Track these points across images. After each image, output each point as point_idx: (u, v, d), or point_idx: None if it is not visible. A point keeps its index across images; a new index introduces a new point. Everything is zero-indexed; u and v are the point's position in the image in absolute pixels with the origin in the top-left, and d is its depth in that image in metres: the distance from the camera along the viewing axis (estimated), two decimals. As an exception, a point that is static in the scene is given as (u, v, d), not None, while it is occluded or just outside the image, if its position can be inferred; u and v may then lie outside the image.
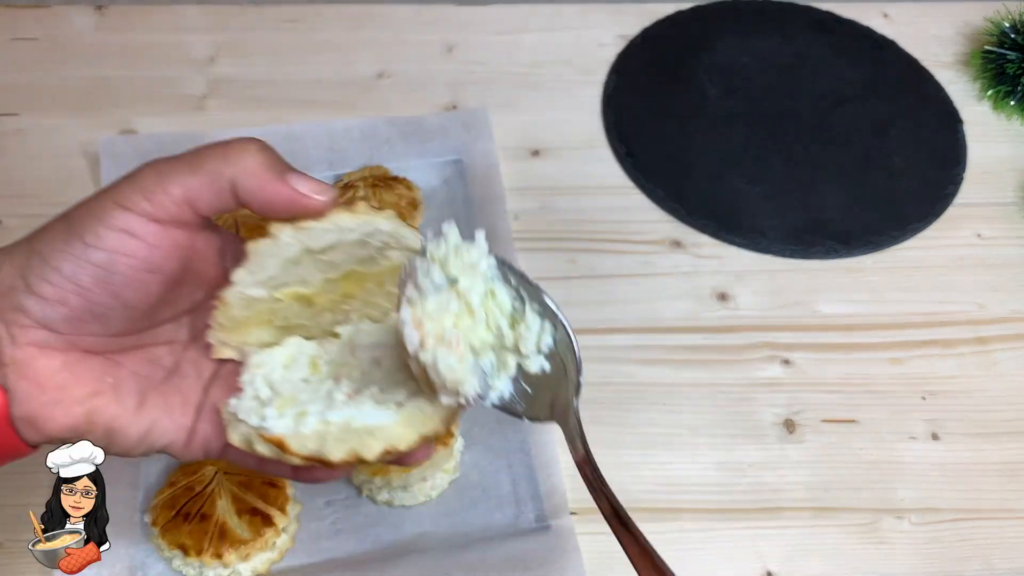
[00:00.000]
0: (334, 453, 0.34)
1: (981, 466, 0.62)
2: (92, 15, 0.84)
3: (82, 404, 0.36)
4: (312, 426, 0.35)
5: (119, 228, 0.34)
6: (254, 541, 0.54)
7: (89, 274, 0.34)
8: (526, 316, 0.36)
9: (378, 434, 0.35)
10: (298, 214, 0.36)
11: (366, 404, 0.36)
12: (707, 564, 0.57)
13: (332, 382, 0.38)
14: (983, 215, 0.75)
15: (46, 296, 0.34)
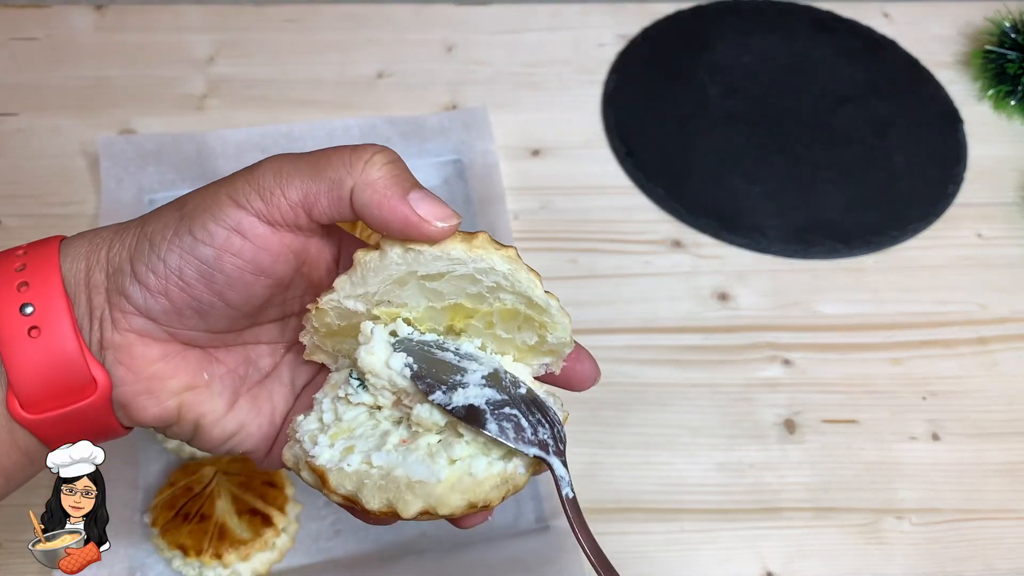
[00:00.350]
0: (371, 501, 0.32)
1: (981, 466, 0.62)
2: (92, 15, 0.84)
3: (175, 396, 0.35)
4: (355, 465, 0.33)
5: (229, 226, 0.33)
6: (254, 541, 0.54)
7: (194, 269, 0.33)
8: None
9: (418, 491, 0.32)
10: (412, 237, 0.34)
11: (415, 454, 0.33)
12: (707, 564, 0.57)
13: (393, 421, 0.35)
14: (983, 215, 0.75)
15: (149, 286, 0.33)
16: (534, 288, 0.34)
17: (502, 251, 0.34)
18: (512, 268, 0.34)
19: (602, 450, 0.61)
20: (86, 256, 0.34)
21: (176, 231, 0.33)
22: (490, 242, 0.34)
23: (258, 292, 0.35)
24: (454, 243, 0.34)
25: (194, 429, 0.36)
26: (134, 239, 0.34)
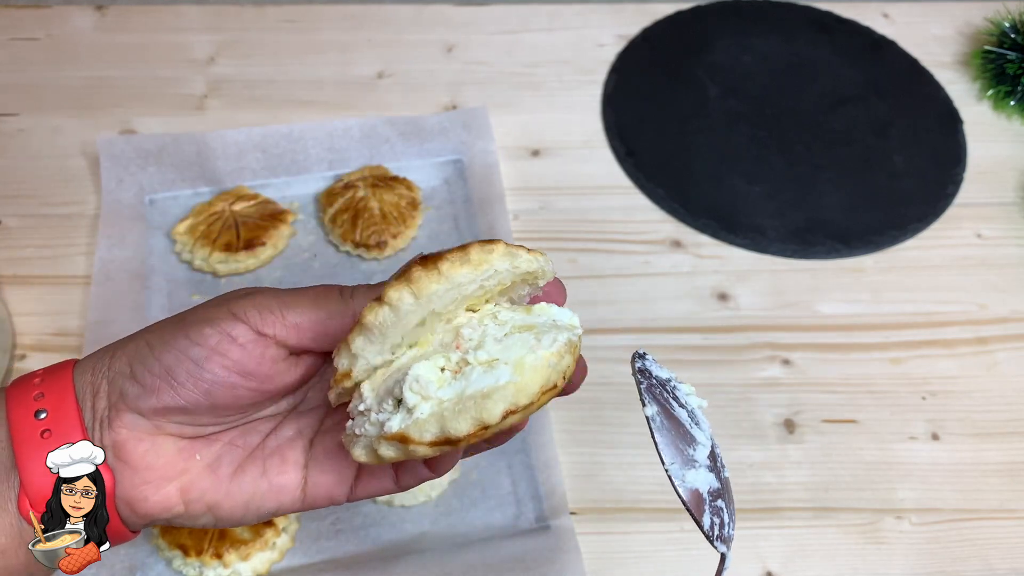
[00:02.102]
0: (459, 428, 0.33)
1: (981, 466, 0.62)
2: (92, 15, 0.84)
3: (172, 481, 0.37)
4: (427, 411, 0.33)
5: (222, 331, 0.35)
6: (254, 541, 0.54)
7: (184, 369, 0.35)
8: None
9: (496, 395, 0.33)
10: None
11: (475, 372, 0.34)
12: (707, 565, 0.57)
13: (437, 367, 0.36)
14: (983, 215, 0.75)
15: (144, 385, 0.35)
16: (531, 263, 0.35)
17: (495, 250, 0.35)
18: (511, 262, 0.35)
19: (602, 450, 0.61)
20: (92, 368, 0.37)
21: (174, 335, 0.36)
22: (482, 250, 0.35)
23: (242, 395, 0.36)
24: (456, 269, 0.34)
25: (209, 508, 0.37)
26: (135, 346, 0.36)
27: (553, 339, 0.34)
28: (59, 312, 0.65)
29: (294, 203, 0.72)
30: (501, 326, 0.35)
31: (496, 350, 0.34)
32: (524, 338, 0.34)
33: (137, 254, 0.67)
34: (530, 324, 0.35)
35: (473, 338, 0.35)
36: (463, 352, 0.34)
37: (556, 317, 0.36)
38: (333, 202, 0.70)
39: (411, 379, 0.33)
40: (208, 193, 0.71)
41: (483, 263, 0.34)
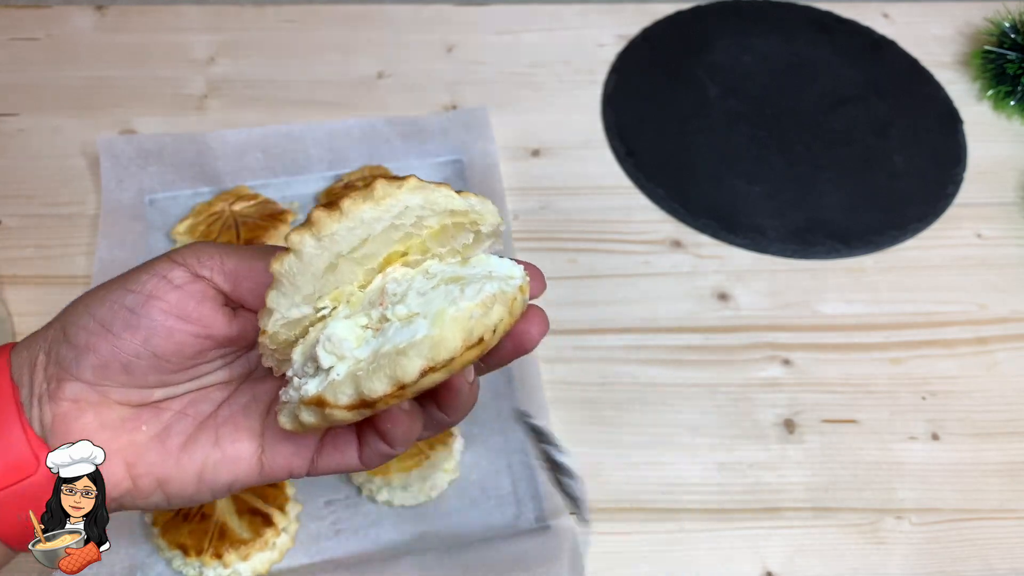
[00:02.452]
0: (374, 388, 0.30)
1: (981, 466, 0.62)
2: (92, 15, 0.84)
3: (116, 454, 0.35)
4: (343, 371, 0.31)
5: (159, 274, 0.34)
6: (254, 541, 0.54)
7: (122, 319, 0.33)
8: None
9: (412, 351, 0.30)
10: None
11: (392, 328, 0.31)
12: (707, 564, 0.57)
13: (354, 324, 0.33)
14: (983, 215, 0.75)
15: (79, 344, 0.34)
16: (451, 200, 0.32)
17: (405, 185, 0.32)
18: (424, 196, 0.32)
19: (602, 450, 0.61)
20: (28, 344, 0.35)
21: (109, 288, 0.34)
22: (388, 185, 0.32)
23: (184, 341, 0.34)
24: (359, 205, 0.31)
25: (160, 484, 0.35)
26: (71, 309, 0.35)
27: (478, 289, 0.31)
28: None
29: (294, 203, 0.72)
30: (429, 279, 0.32)
31: (417, 304, 0.31)
32: (449, 290, 0.32)
33: (137, 254, 0.67)
34: (460, 276, 0.32)
35: (397, 293, 0.32)
36: (384, 308, 0.32)
37: (494, 268, 0.33)
38: (333, 202, 0.70)
39: (324, 338, 0.31)
40: (208, 193, 0.71)
41: (387, 197, 0.31)
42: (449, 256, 0.34)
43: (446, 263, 0.33)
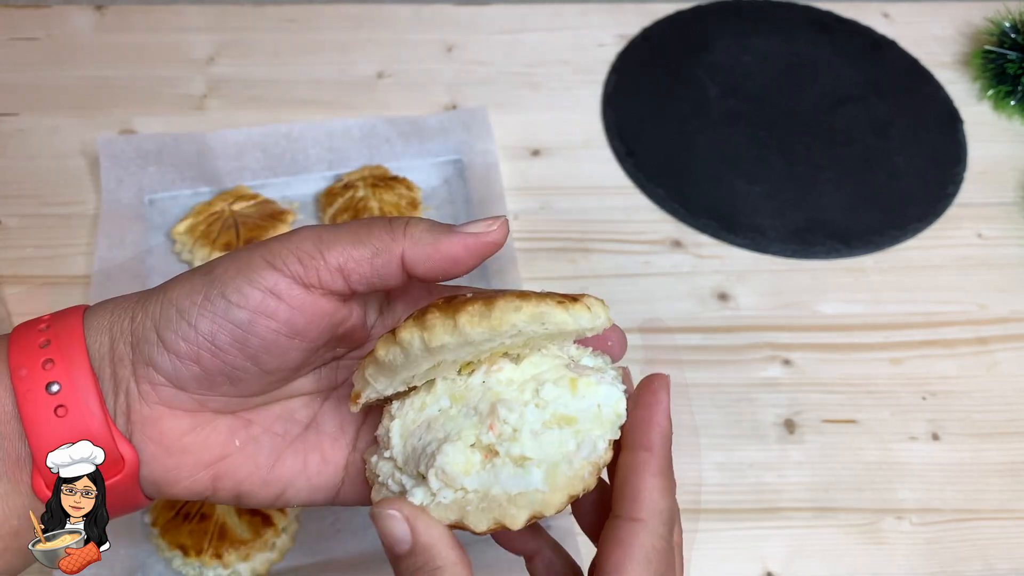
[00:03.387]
0: (478, 525, 0.32)
1: (982, 466, 0.62)
2: (92, 15, 0.84)
3: (208, 468, 0.35)
4: (449, 497, 0.32)
5: (265, 288, 0.32)
6: (254, 541, 0.54)
7: (228, 333, 0.32)
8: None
9: (521, 502, 0.31)
10: (478, 254, 0.33)
11: (506, 469, 0.32)
12: (708, 564, 0.57)
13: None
14: (984, 215, 0.75)
15: (180, 353, 0.32)
16: (566, 324, 0.32)
17: (524, 311, 0.31)
18: (539, 324, 0.32)
19: (602, 450, 0.61)
20: (109, 328, 0.33)
21: (207, 295, 0.32)
22: (509, 303, 0.31)
23: (292, 356, 0.34)
24: (475, 326, 0.31)
25: (236, 497, 0.36)
26: (158, 306, 0.33)
27: (593, 446, 0.32)
28: (59, 312, 0.65)
29: (294, 203, 0.72)
30: (541, 410, 0.32)
31: (531, 447, 0.32)
32: (563, 438, 0.32)
33: (137, 254, 0.67)
34: (571, 417, 0.32)
35: (509, 422, 0.32)
36: (497, 437, 0.32)
37: (603, 401, 0.33)
38: (333, 202, 0.70)
39: (439, 467, 0.32)
40: (208, 193, 0.71)
41: (503, 324, 0.31)
42: (553, 352, 0.34)
43: (558, 385, 0.33)
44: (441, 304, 0.32)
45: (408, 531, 0.31)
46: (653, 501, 0.32)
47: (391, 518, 0.31)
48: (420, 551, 0.31)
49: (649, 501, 0.32)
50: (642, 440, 0.33)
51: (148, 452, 0.34)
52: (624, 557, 0.31)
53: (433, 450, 0.32)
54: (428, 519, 0.32)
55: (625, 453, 0.33)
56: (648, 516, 0.32)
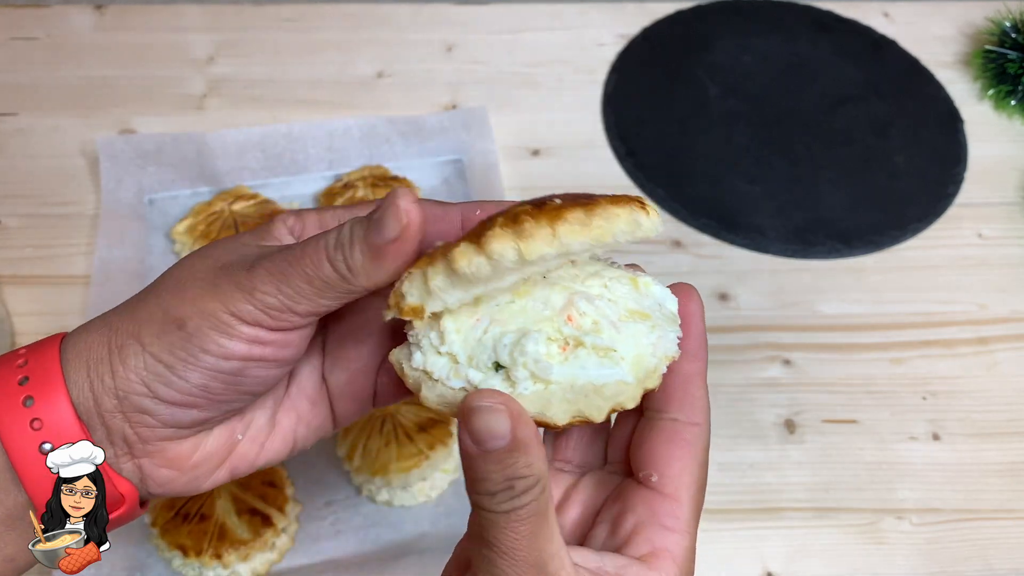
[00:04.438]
0: (559, 417, 0.30)
1: (982, 466, 0.62)
2: (92, 15, 0.84)
3: (223, 467, 0.37)
4: (531, 387, 0.30)
5: (247, 339, 0.33)
6: (253, 541, 0.54)
7: (221, 382, 0.33)
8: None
9: (608, 391, 0.30)
10: (407, 251, 0.32)
11: (590, 358, 0.31)
12: (708, 564, 0.57)
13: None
14: (984, 215, 0.75)
15: (176, 402, 0.33)
16: (651, 230, 0.31)
17: (621, 216, 0.30)
18: (632, 232, 0.30)
19: (602, 450, 0.61)
20: (90, 384, 0.34)
21: (191, 354, 0.33)
22: (606, 212, 0.30)
23: (282, 376, 0.36)
24: (575, 235, 0.29)
25: (255, 469, 0.38)
26: (140, 360, 0.33)
27: (669, 340, 0.32)
28: (58, 312, 0.65)
29: (293, 203, 0.72)
30: (614, 304, 0.32)
31: (614, 338, 0.31)
32: (641, 330, 0.32)
33: (136, 254, 0.67)
34: (643, 311, 0.32)
35: (588, 314, 0.31)
36: (577, 330, 0.31)
37: (660, 299, 0.33)
38: (332, 202, 0.70)
39: (530, 356, 0.30)
40: (207, 193, 0.71)
41: (606, 235, 0.29)
42: (610, 264, 0.34)
43: (621, 281, 0.33)
44: (532, 211, 0.29)
45: (510, 425, 0.28)
46: (706, 407, 0.33)
47: (492, 410, 0.29)
48: (519, 448, 0.28)
49: (703, 407, 0.33)
50: (690, 347, 0.33)
51: (164, 476, 0.35)
52: (687, 456, 0.32)
53: (510, 341, 0.30)
54: (527, 415, 0.29)
55: (676, 360, 0.33)
56: (703, 420, 0.33)
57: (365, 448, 0.57)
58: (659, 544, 0.31)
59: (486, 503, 0.29)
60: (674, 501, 0.32)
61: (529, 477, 0.29)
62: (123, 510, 0.35)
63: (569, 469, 0.36)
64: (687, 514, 0.32)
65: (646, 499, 0.32)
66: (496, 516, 0.29)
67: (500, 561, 0.29)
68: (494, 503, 0.29)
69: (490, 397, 0.29)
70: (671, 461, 0.32)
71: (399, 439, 0.56)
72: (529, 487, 0.29)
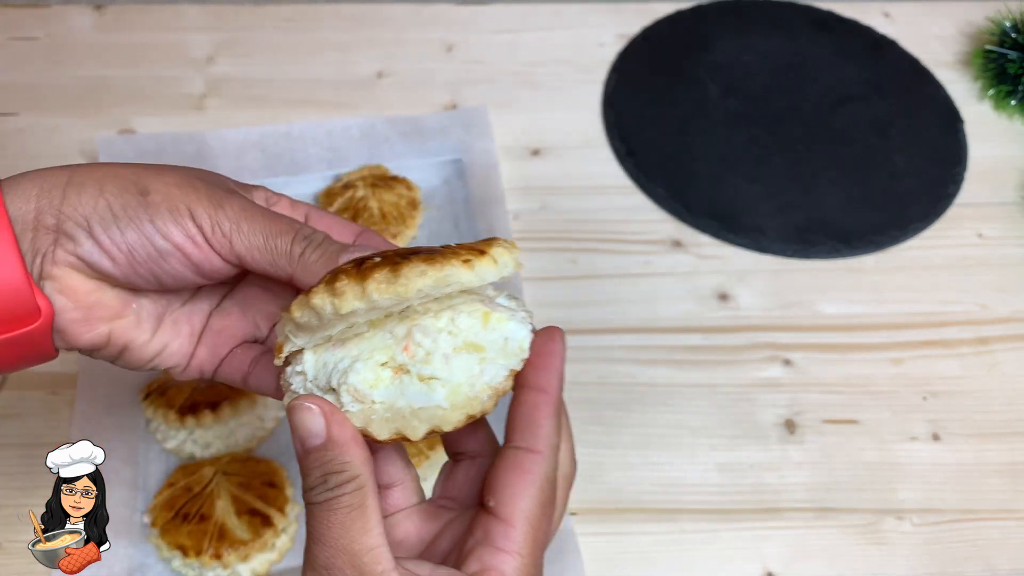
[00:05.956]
0: (381, 433, 0.34)
1: (982, 467, 0.62)
2: (91, 15, 0.84)
3: (107, 323, 0.39)
4: (356, 408, 0.34)
5: (187, 234, 0.37)
6: (253, 542, 0.54)
7: (146, 252, 0.37)
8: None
9: (423, 415, 0.34)
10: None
11: (413, 386, 0.35)
12: (708, 565, 0.57)
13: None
14: (984, 215, 0.75)
15: (102, 246, 0.37)
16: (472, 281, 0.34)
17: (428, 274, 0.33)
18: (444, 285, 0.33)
19: (602, 450, 0.61)
20: (36, 198, 0.38)
21: (137, 215, 0.37)
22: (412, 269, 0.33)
23: (191, 284, 0.40)
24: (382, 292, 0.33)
25: (121, 352, 0.40)
26: (93, 200, 0.37)
27: (495, 372, 0.35)
28: (58, 312, 0.65)
29: (294, 203, 0.72)
30: (453, 337, 0.35)
31: (440, 369, 0.34)
32: (470, 363, 0.35)
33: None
34: (480, 345, 0.35)
35: (423, 346, 0.34)
36: (410, 358, 0.34)
37: (510, 335, 0.35)
38: (332, 202, 0.70)
39: (351, 385, 0.34)
40: (207, 193, 0.71)
41: (410, 290, 0.33)
42: (469, 296, 0.36)
43: (472, 316, 0.35)
44: (351, 270, 0.33)
45: (324, 425, 0.33)
46: (549, 436, 0.35)
47: (308, 410, 0.33)
48: (332, 446, 0.33)
49: (546, 436, 0.35)
50: (540, 382, 0.35)
51: (59, 304, 0.37)
52: (521, 483, 0.34)
53: (345, 367, 0.35)
54: (344, 418, 0.34)
55: (525, 392, 0.36)
56: (545, 448, 0.35)
57: (365, 448, 0.57)
58: (488, 563, 0.34)
59: (307, 496, 0.33)
60: (508, 524, 0.34)
61: (343, 473, 0.33)
62: (38, 324, 0.36)
63: (453, 507, 0.39)
64: (520, 537, 0.34)
65: (484, 523, 0.35)
66: (314, 507, 0.33)
67: (314, 547, 0.33)
68: (312, 495, 0.33)
69: (309, 401, 0.34)
70: (506, 487, 0.34)
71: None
72: (343, 482, 0.33)
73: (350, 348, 0.35)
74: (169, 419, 0.57)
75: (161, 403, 0.58)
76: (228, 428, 0.58)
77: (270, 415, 0.60)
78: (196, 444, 0.58)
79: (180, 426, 0.57)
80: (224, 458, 0.57)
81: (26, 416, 0.61)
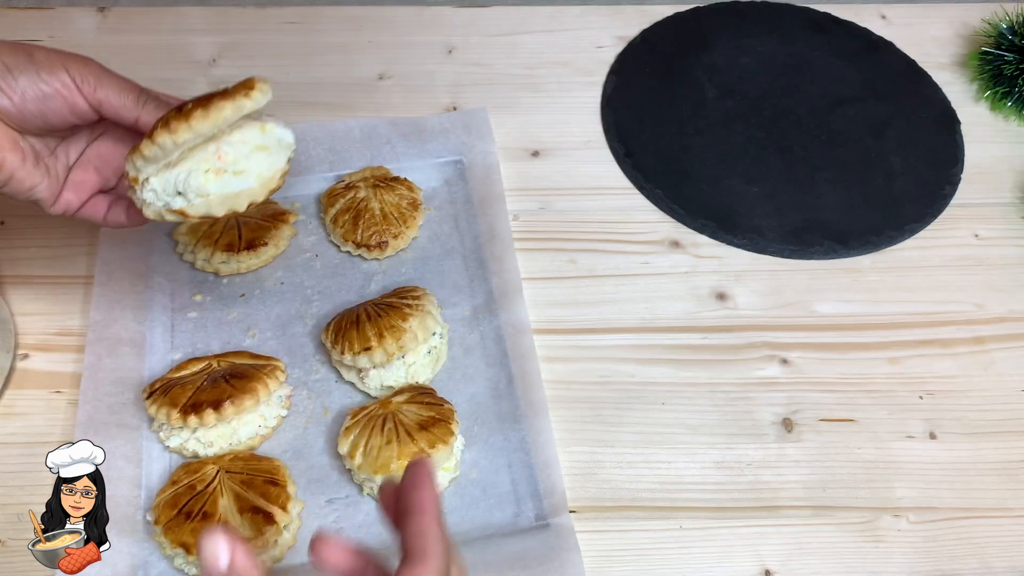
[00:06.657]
0: (218, 212, 0.51)
1: (978, 465, 0.62)
2: (94, 17, 0.85)
3: (2, 152, 0.50)
4: (198, 201, 0.51)
5: (63, 84, 0.51)
6: (256, 539, 0.54)
7: (34, 93, 0.50)
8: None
9: (244, 194, 0.51)
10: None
11: (231, 179, 0.51)
12: (706, 563, 0.58)
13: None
14: (980, 215, 0.76)
15: (2, 89, 0.49)
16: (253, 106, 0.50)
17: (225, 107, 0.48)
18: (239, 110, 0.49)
19: (601, 448, 0.62)
20: None
21: (27, 68, 0.50)
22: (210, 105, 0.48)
23: (68, 123, 0.52)
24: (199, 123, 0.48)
25: (8, 180, 0.51)
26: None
27: (279, 159, 0.52)
28: (61, 312, 0.66)
29: (295, 203, 0.72)
30: (245, 145, 0.51)
31: (245, 164, 0.51)
32: (261, 157, 0.52)
33: (139, 254, 0.67)
34: (265, 145, 0.52)
35: (229, 153, 0.51)
36: (221, 163, 0.51)
37: (281, 136, 0.52)
38: (334, 203, 0.70)
39: (192, 186, 0.50)
40: (209, 194, 0.71)
41: (220, 118, 0.48)
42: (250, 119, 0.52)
43: (252, 128, 0.52)
44: (176, 114, 0.48)
45: (228, 552, 0.36)
46: (437, 555, 0.38)
47: (214, 540, 0.36)
48: (234, 574, 0.36)
49: (434, 555, 0.38)
50: (419, 507, 0.40)
51: None
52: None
53: (184, 177, 0.50)
54: (248, 548, 0.36)
55: (410, 517, 0.40)
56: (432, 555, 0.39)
57: (366, 446, 0.57)
58: None
59: None
60: None
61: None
62: None
63: None
64: None
65: None
66: None
67: None
68: None
69: (217, 532, 0.36)
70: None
71: (400, 438, 0.57)
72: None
73: (184, 166, 0.50)
74: (172, 418, 0.57)
75: (164, 402, 0.58)
76: (230, 427, 0.59)
77: (272, 413, 0.61)
78: (199, 443, 0.59)
79: (183, 425, 0.57)
80: (227, 456, 0.58)
81: (27, 415, 0.61)
